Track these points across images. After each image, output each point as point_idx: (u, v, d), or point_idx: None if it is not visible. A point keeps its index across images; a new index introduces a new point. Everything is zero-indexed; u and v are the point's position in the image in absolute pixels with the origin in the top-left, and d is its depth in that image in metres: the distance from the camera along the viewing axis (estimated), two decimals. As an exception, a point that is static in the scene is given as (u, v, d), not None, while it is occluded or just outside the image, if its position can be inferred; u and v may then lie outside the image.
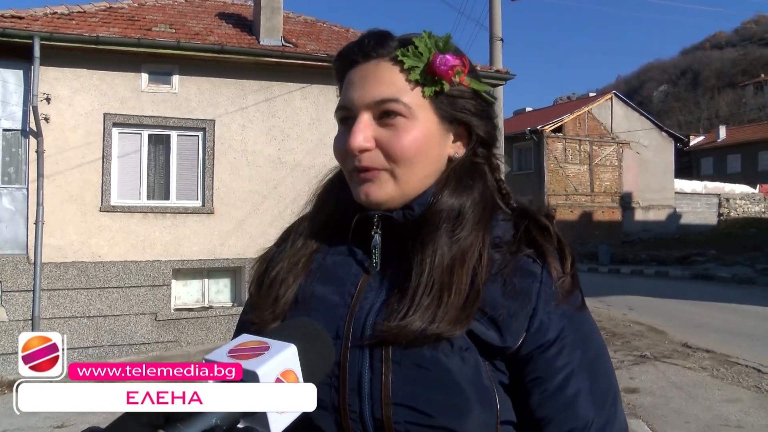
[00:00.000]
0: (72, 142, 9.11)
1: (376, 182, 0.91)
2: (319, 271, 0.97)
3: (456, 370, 0.83)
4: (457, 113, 0.94)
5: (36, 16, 9.30)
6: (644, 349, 8.95)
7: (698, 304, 13.07)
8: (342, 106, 0.95)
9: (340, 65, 0.98)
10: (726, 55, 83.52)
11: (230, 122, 9.92)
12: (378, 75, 0.91)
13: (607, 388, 0.89)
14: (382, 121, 0.91)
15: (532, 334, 0.86)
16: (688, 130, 54.85)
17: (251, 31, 10.73)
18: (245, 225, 9.80)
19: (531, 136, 29.16)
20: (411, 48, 0.91)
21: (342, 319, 0.90)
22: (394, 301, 0.87)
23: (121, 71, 9.41)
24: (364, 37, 0.95)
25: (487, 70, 11.60)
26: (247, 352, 0.65)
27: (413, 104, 0.91)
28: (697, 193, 33.82)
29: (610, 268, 22.61)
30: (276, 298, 0.96)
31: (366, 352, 0.86)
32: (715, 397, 6.66)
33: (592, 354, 0.89)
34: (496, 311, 0.85)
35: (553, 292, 0.88)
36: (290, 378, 0.65)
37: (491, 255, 0.89)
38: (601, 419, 0.86)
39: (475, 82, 0.95)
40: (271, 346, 0.66)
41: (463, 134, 0.97)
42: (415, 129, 0.90)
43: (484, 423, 0.83)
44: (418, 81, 0.91)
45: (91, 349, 9.11)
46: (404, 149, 0.90)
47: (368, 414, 0.84)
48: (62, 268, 9.04)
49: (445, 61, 0.90)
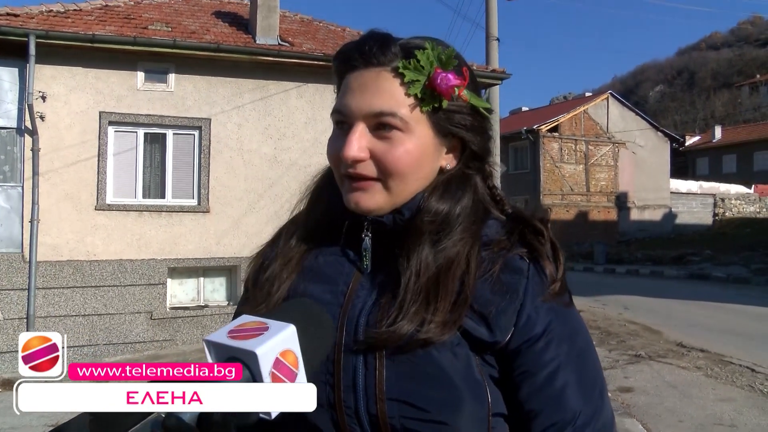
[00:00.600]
0: (67, 141, 9.09)
1: (367, 192, 0.92)
2: (311, 271, 0.98)
3: (448, 366, 0.84)
4: (453, 128, 0.95)
5: (32, 14, 9.27)
6: (639, 349, 8.98)
7: (693, 304, 13.12)
8: (338, 111, 0.94)
9: (339, 66, 0.97)
10: (722, 55, 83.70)
11: (226, 121, 9.91)
12: (378, 86, 0.91)
13: (594, 381, 0.91)
14: (377, 133, 0.91)
15: (520, 328, 0.88)
16: (684, 130, 54.97)
17: (247, 29, 10.72)
18: (241, 224, 9.80)
19: (527, 136, 29.20)
20: (413, 61, 0.91)
21: (335, 318, 0.90)
22: (385, 303, 0.89)
23: (117, 69, 9.39)
24: (366, 40, 0.94)
25: (484, 70, 11.61)
26: (246, 332, 0.66)
27: (410, 118, 0.91)
28: (692, 193, 33.90)
29: (605, 268, 22.66)
30: (269, 293, 0.97)
31: (360, 350, 0.88)
32: (709, 396, 6.69)
33: (578, 347, 0.91)
34: (485, 307, 0.87)
35: (540, 287, 0.89)
36: (289, 358, 0.66)
37: (480, 255, 0.91)
38: (588, 410, 0.88)
39: (474, 97, 0.95)
40: (270, 326, 0.67)
41: (456, 146, 0.98)
42: (410, 143, 0.91)
43: (476, 416, 0.85)
44: (417, 96, 0.91)
45: (86, 347, 9.10)
46: (398, 163, 0.90)
47: (363, 410, 0.86)
48: (57, 267, 9.02)
49: (447, 80, 0.90)
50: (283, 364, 0.65)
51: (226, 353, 0.65)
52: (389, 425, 0.85)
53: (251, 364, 0.63)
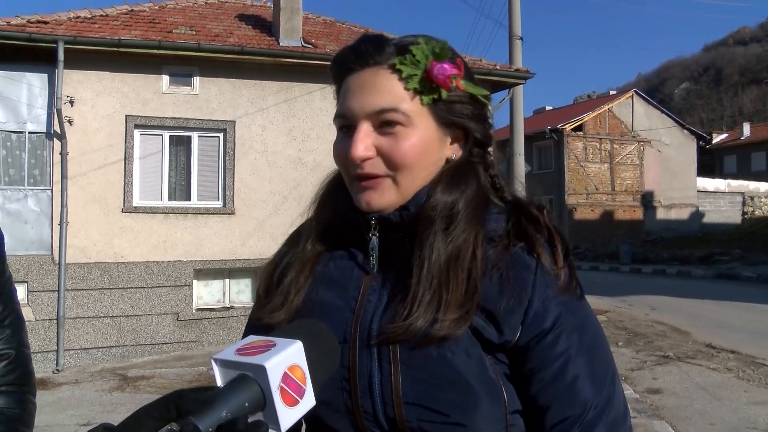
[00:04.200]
0: (95, 144, 9.23)
1: (377, 190, 0.93)
2: (323, 277, 0.99)
3: (463, 367, 0.85)
4: (455, 118, 0.96)
5: (60, 21, 9.43)
6: (667, 350, 8.86)
7: (722, 304, 12.90)
8: (341, 114, 0.96)
9: (336, 71, 0.99)
10: (750, 50, 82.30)
11: (250, 123, 9.97)
12: (376, 84, 0.92)
13: (605, 371, 0.91)
14: (382, 130, 0.92)
15: (528, 325, 0.88)
16: (711, 127, 54.20)
17: (271, 32, 10.79)
18: (266, 225, 9.85)
19: (551, 135, 29.01)
20: (408, 56, 0.92)
21: (348, 324, 0.92)
22: (397, 301, 0.89)
23: (143, 73, 9.51)
24: (360, 42, 0.95)
25: (507, 69, 11.55)
26: (254, 350, 0.67)
27: (412, 112, 0.92)
28: (720, 191, 33.40)
29: (631, 268, 22.41)
30: (287, 299, 0.98)
31: (374, 354, 0.88)
32: (742, 399, 6.56)
33: (588, 338, 0.91)
34: (494, 306, 0.87)
35: (548, 282, 0.89)
36: (297, 373, 0.67)
37: (486, 250, 0.91)
38: (600, 401, 0.88)
39: (471, 86, 0.96)
40: (278, 343, 0.68)
41: (460, 136, 0.99)
42: (414, 136, 0.92)
43: (493, 416, 0.85)
44: (416, 89, 0.92)
45: (114, 348, 9.22)
46: (405, 156, 0.91)
47: (381, 414, 0.87)
48: (86, 269, 9.16)
49: (443, 69, 0.91)
50: (291, 379, 0.66)
51: (234, 369, 0.66)
52: (408, 429, 0.85)
53: (259, 379, 0.64)
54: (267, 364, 0.64)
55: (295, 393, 0.66)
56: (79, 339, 9.10)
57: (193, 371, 8.26)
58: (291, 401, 0.66)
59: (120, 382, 7.90)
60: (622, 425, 0.90)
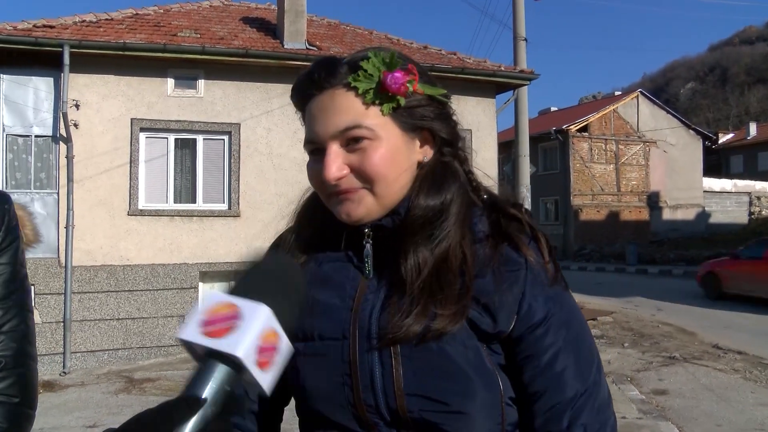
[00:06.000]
0: (100, 148, 9.26)
1: (354, 200, 0.95)
2: (316, 278, 1.00)
3: (461, 358, 0.89)
4: (418, 122, 0.98)
5: (66, 25, 9.48)
6: (673, 351, 8.83)
7: (728, 305, 12.87)
8: (309, 140, 0.99)
9: (297, 99, 1.02)
10: (756, 50, 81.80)
11: (255, 126, 10.00)
12: (336, 104, 0.95)
13: (590, 362, 0.97)
14: (350, 147, 0.95)
15: (522, 317, 0.93)
16: (717, 127, 53.95)
17: (275, 34, 10.81)
18: (271, 228, 9.57)
19: (556, 136, 28.95)
20: (361, 72, 0.94)
21: (347, 321, 0.95)
22: (394, 303, 0.92)
23: (148, 77, 9.55)
24: (314, 68, 0.98)
25: (512, 70, 11.53)
26: (220, 324, 0.64)
27: (375, 125, 0.94)
28: (726, 191, 33.26)
29: (637, 269, 22.34)
30: None
31: (375, 349, 0.92)
32: (749, 400, 6.53)
33: (575, 332, 0.96)
34: (489, 298, 0.92)
35: (537, 277, 0.95)
36: (270, 338, 0.65)
37: (476, 250, 0.95)
38: (588, 387, 0.94)
39: (428, 87, 0.98)
40: (243, 312, 0.64)
41: (427, 138, 1.01)
42: (382, 147, 0.94)
43: (490, 403, 0.91)
44: (374, 102, 0.94)
45: (120, 351, 9.25)
46: (376, 168, 0.93)
47: (383, 406, 0.91)
48: (92, 272, 9.19)
49: (395, 78, 0.93)
50: (265, 348, 0.64)
51: (205, 350, 0.64)
52: (409, 419, 0.89)
53: (235, 363, 0.62)
54: (239, 353, 0.61)
55: (270, 355, 0.65)
56: (86, 341, 9.13)
57: (199, 373, 8.25)
58: (268, 364, 0.65)
59: (126, 384, 7.92)
60: (607, 408, 0.96)
